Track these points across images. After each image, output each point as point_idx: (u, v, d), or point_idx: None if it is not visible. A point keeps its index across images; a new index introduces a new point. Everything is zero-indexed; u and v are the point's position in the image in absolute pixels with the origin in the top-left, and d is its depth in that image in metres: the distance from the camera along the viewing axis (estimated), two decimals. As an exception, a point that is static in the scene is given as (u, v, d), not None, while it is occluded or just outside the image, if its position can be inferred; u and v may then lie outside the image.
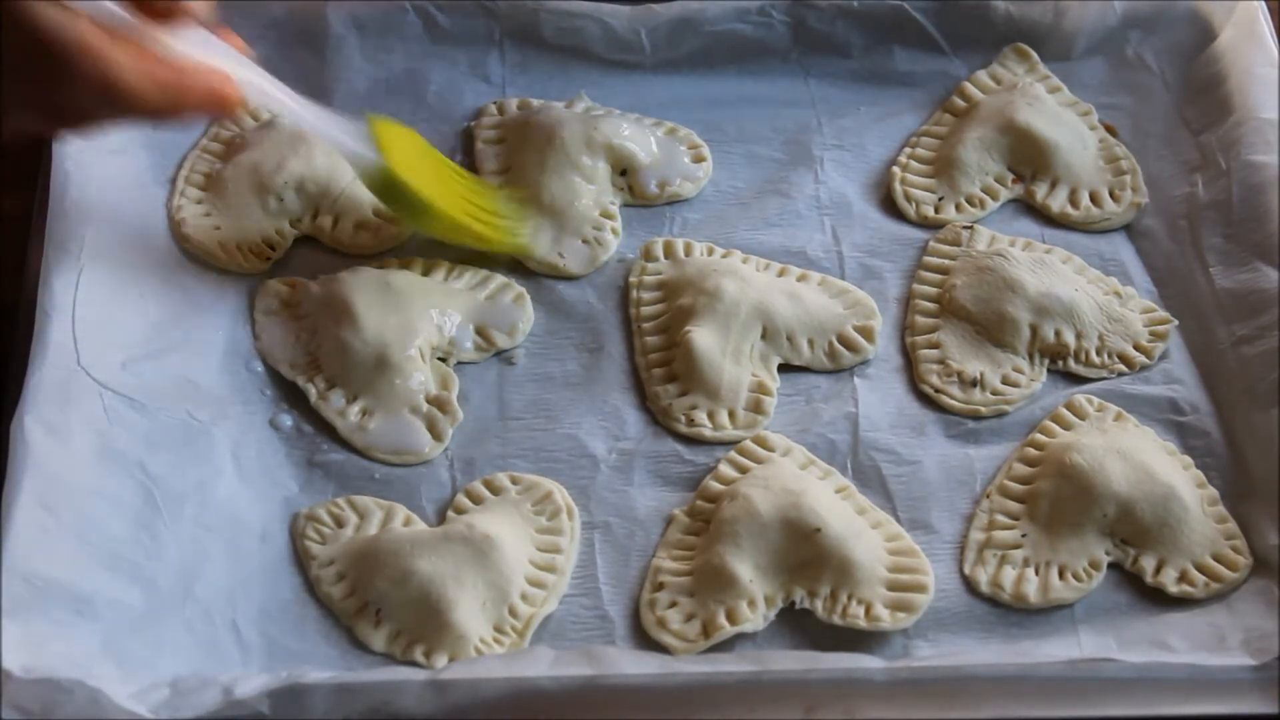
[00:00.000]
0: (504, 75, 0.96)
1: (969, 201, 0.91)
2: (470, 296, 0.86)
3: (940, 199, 0.91)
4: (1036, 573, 0.76)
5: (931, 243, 0.89)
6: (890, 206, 0.91)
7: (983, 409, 0.82)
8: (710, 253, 0.88)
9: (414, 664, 0.72)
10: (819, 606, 0.74)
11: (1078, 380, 0.84)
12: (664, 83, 0.96)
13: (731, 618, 0.73)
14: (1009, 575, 0.76)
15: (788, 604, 0.74)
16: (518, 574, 0.75)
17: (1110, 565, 0.76)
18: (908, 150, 0.94)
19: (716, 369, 0.82)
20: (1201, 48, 0.95)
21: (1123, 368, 0.84)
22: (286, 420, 0.81)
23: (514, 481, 0.79)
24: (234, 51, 0.75)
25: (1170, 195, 0.91)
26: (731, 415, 0.82)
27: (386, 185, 0.82)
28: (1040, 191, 0.91)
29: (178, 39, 0.70)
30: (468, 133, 0.94)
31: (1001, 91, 0.95)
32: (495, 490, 0.79)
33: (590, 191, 0.90)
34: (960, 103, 0.95)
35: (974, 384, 0.83)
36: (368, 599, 0.74)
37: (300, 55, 0.95)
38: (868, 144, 0.94)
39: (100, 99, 0.66)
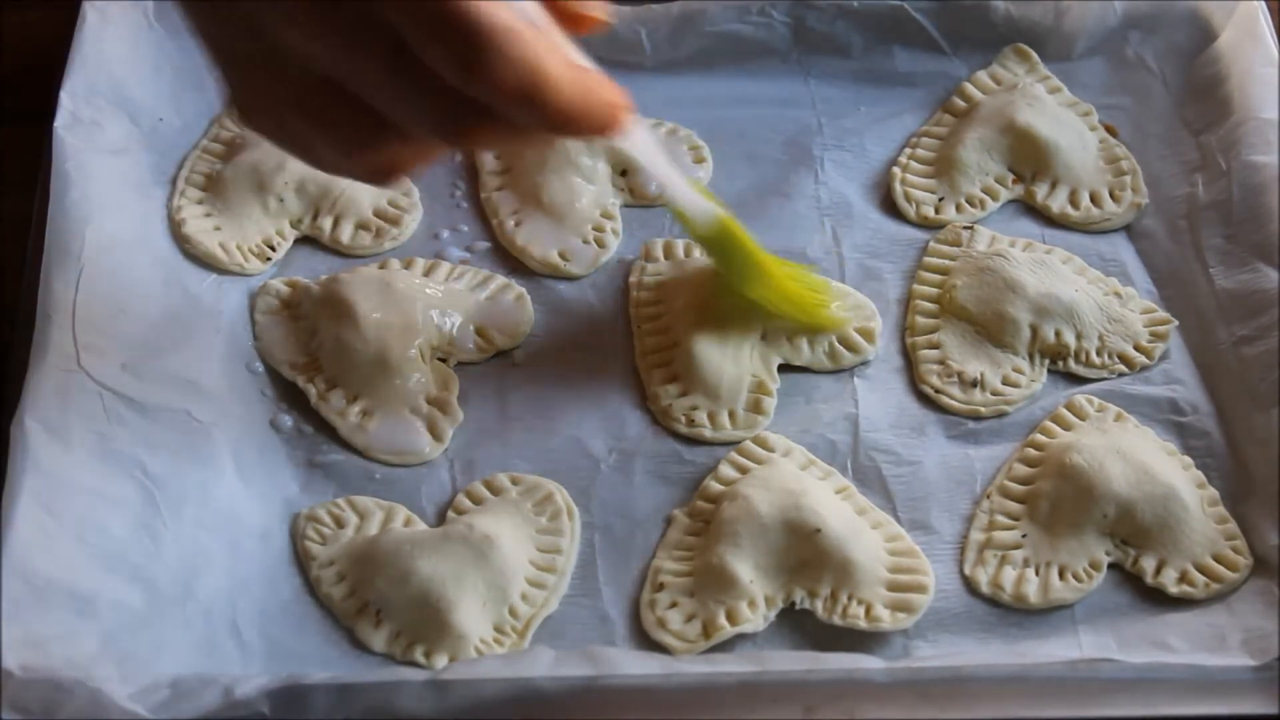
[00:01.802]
0: (504, 75, 0.96)
1: (969, 202, 0.91)
2: (470, 296, 0.86)
3: (940, 199, 0.91)
4: (1036, 573, 0.76)
5: (932, 243, 0.89)
6: (890, 207, 0.91)
7: (983, 409, 0.82)
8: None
9: (414, 664, 0.72)
10: (819, 607, 0.74)
11: (1078, 380, 0.84)
12: (664, 83, 0.96)
13: (731, 618, 0.73)
14: (1009, 576, 0.76)
15: (788, 604, 0.74)
16: (518, 574, 0.75)
17: (1110, 565, 0.76)
18: (908, 151, 0.94)
19: (716, 369, 0.82)
20: (1201, 48, 0.95)
21: (1123, 368, 0.84)
22: (286, 421, 0.81)
23: (514, 482, 0.79)
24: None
25: (1170, 195, 0.91)
26: (731, 416, 0.82)
27: (723, 239, 0.79)
28: (1040, 192, 0.91)
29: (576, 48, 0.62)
30: (468, 133, 0.94)
31: (1001, 92, 0.95)
32: (495, 491, 0.79)
33: (590, 191, 0.90)
34: (960, 103, 0.95)
35: (974, 384, 0.83)
36: (368, 599, 0.74)
37: (300, 55, 0.95)
38: (868, 144, 0.94)
39: (519, 92, 0.56)
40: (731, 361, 0.82)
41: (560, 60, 0.57)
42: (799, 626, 0.74)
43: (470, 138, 0.60)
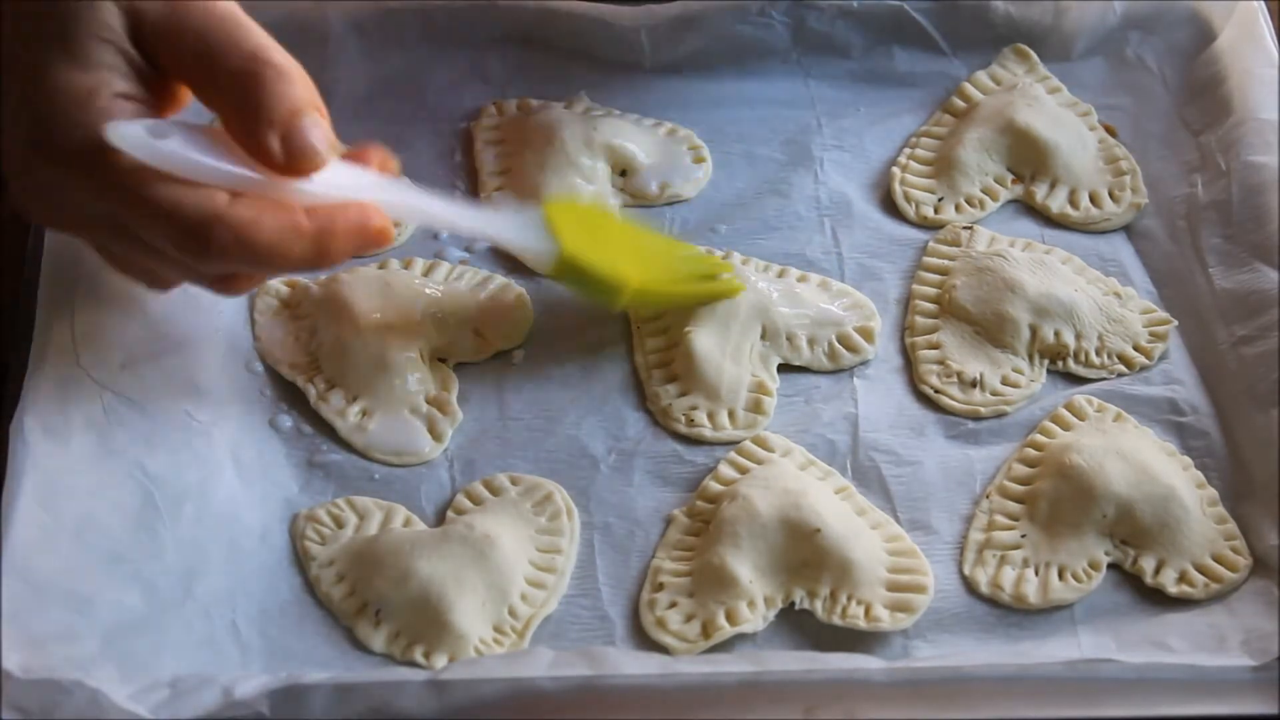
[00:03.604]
0: (504, 75, 0.96)
1: (969, 202, 0.91)
2: (470, 296, 0.86)
3: (940, 199, 0.91)
4: (1036, 573, 0.76)
5: (931, 243, 0.89)
6: (890, 207, 0.91)
7: (982, 409, 0.82)
8: (710, 254, 0.88)
9: (414, 664, 0.72)
10: (819, 607, 0.74)
11: (1077, 381, 0.84)
12: (664, 83, 0.96)
13: (731, 618, 0.73)
14: (1009, 576, 0.76)
15: (787, 604, 0.74)
16: (517, 574, 0.75)
17: (1110, 566, 0.76)
18: (907, 151, 0.94)
19: (716, 369, 0.82)
20: (1201, 48, 0.95)
21: (1122, 368, 0.84)
22: (286, 421, 0.81)
23: (514, 482, 0.79)
24: (372, 175, 0.70)
25: (1170, 196, 0.91)
26: (731, 416, 0.82)
27: (570, 272, 0.78)
28: (1040, 192, 0.91)
29: (313, 182, 0.66)
30: (467, 133, 0.94)
31: (1001, 92, 0.95)
32: (495, 491, 0.79)
33: (590, 192, 0.90)
34: (960, 103, 0.95)
35: (974, 384, 0.83)
36: (367, 599, 0.74)
37: (300, 56, 0.94)
38: (868, 144, 0.94)
39: (247, 262, 0.65)
40: (731, 361, 0.82)
41: (275, 224, 0.64)
42: (799, 626, 0.74)
43: (236, 290, 0.71)
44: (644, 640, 0.74)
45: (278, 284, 0.86)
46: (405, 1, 0.96)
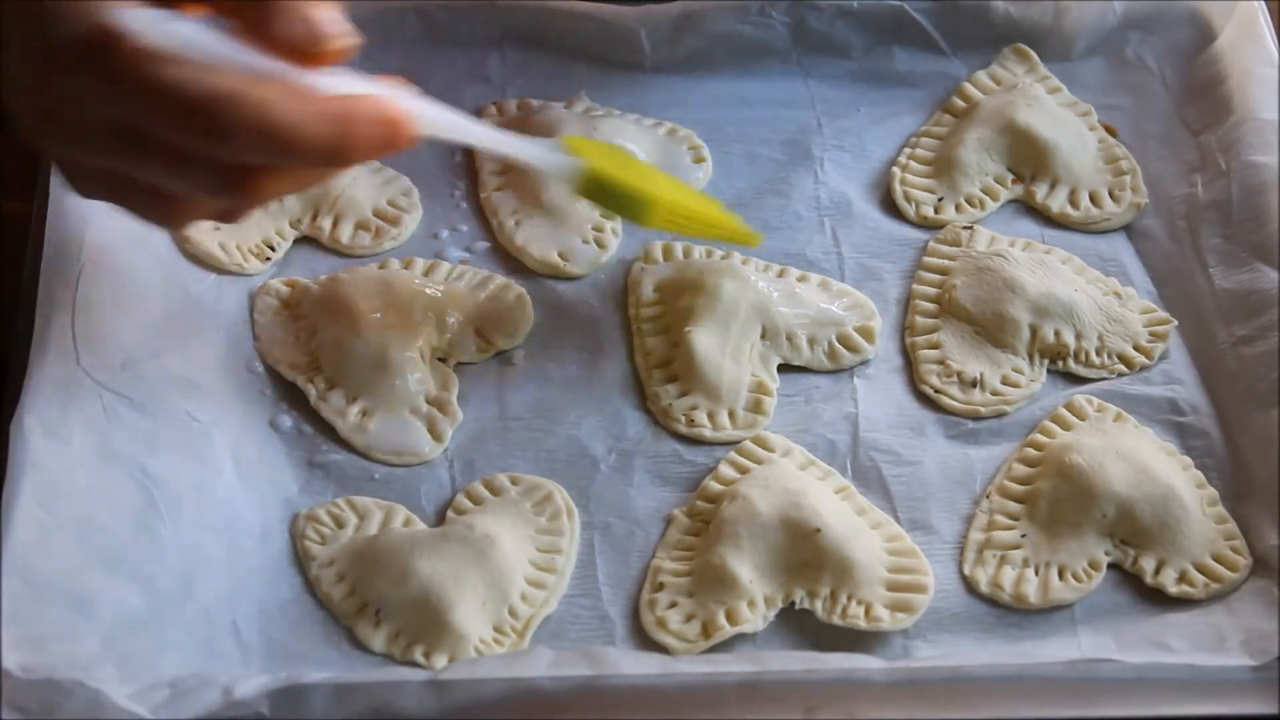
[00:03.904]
0: (504, 75, 0.96)
1: (969, 202, 0.91)
2: (470, 296, 0.86)
3: (940, 199, 0.91)
4: (1036, 573, 0.76)
5: (931, 243, 0.89)
6: (890, 207, 0.91)
7: (982, 409, 0.82)
8: (710, 254, 0.88)
9: (414, 664, 0.72)
10: (819, 607, 0.74)
11: (1077, 380, 0.84)
12: (664, 83, 0.96)
13: (731, 618, 0.73)
14: (1009, 576, 0.76)
15: (788, 604, 0.74)
16: (517, 574, 0.75)
17: (1110, 566, 0.76)
18: (907, 151, 0.94)
19: (716, 369, 0.82)
20: (1201, 48, 0.95)
21: (1122, 368, 0.84)
22: (286, 420, 0.81)
23: (514, 482, 0.79)
24: (395, 84, 0.66)
25: (1170, 195, 0.91)
26: (731, 416, 0.82)
27: (594, 185, 0.76)
28: (1040, 192, 0.91)
29: (332, 75, 0.62)
30: (468, 133, 0.94)
31: (1001, 92, 0.95)
32: (495, 491, 0.79)
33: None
34: (960, 103, 0.95)
35: (974, 384, 0.83)
36: (367, 599, 0.74)
37: (300, 55, 0.95)
38: (868, 144, 0.94)
39: (263, 147, 0.60)
40: (731, 361, 0.82)
41: (297, 105, 0.59)
42: (799, 626, 0.74)
43: (254, 191, 0.63)
44: (644, 640, 0.74)
45: (278, 284, 0.86)
46: (405, 1, 0.96)
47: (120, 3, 0.59)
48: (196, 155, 0.60)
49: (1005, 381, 0.83)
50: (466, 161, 0.93)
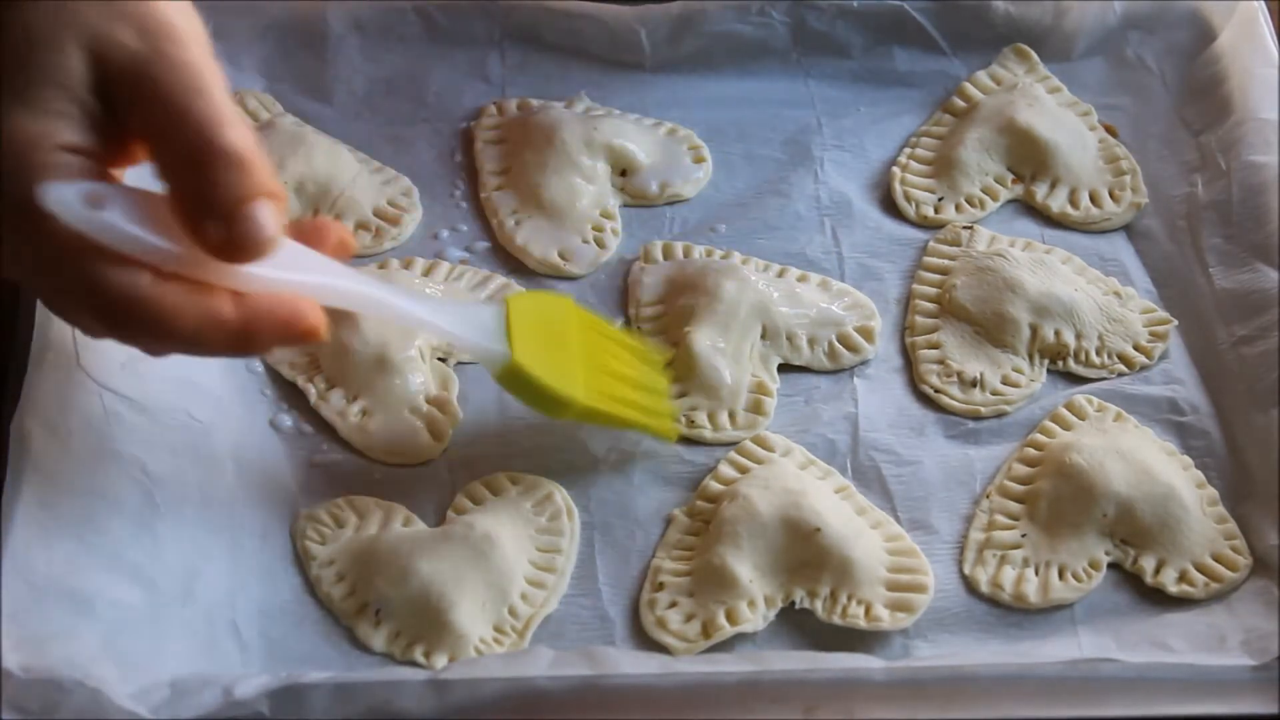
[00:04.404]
0: (504, 75, 0.96)
1: (969, 202, 0.91)
2: (470, 297, 0.85)
3: (940, 199, 0.91)
4: (1036, 573, 0.76)
5: (931, 243, 0.89)
6: (890, 207, 0.91)
7: (983, 409, 0.82)
8: (710, 254, 0.88)
9: (414, 664, 0.72)
10: (819, 606, 0.74)
11: (1078, 380, 0.84)
12: (664, 83, 0.97)
13: (731, 618, 0.73)
14: (1009, 575, 0.76)
15: (788, 604, 0.74)
16: (517, 574, 0.75)
17: (1110, 565, 0.76)
18: (908, 150, 0.94)
19: (716, 369, 0.82)
20: (1201, 48, 0.95)
21: (1122, 368, 0.84)
22: (286, 420, 0.81)
23: (514, 482, 0.79)
24: (321, 259, 0.66)
25: (1170, 195, 0.91)
26: (731, 416, 0.82)
27: (516, 381, 0.74)
28: (1040, 192, 0.91)
29: (253, 267, 0.61)
30: (467, 133, 0.94)
31: (1001, 92, 0.95)
32: (495, 490, 0.79)
33: (590, 192, 0.90)
34: (960, 103, 0.95)
35: (974, 384, 0.83)
36: (368, 599, 0.74)
37: (300, 55, 0.95)
38: (868, 144, 0.94)
39: (170, 348, 0.63)
40: (731, 361, 0.82)
41: (197, 313, 0.61)
42: (799, 626, 0.74)
43: (175, 355, 0.65)
44: (644, 640, 0.74)
45: (278, 284, 0.86)
46: (405, 1, 0.96)
47: (53, 176, 0.59)
48: (100, 332, 0.63)
49: (1005, 381, 0.83)
50: (467, 161, 0.93)
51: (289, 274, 0.64)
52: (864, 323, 0.85)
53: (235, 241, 0.60)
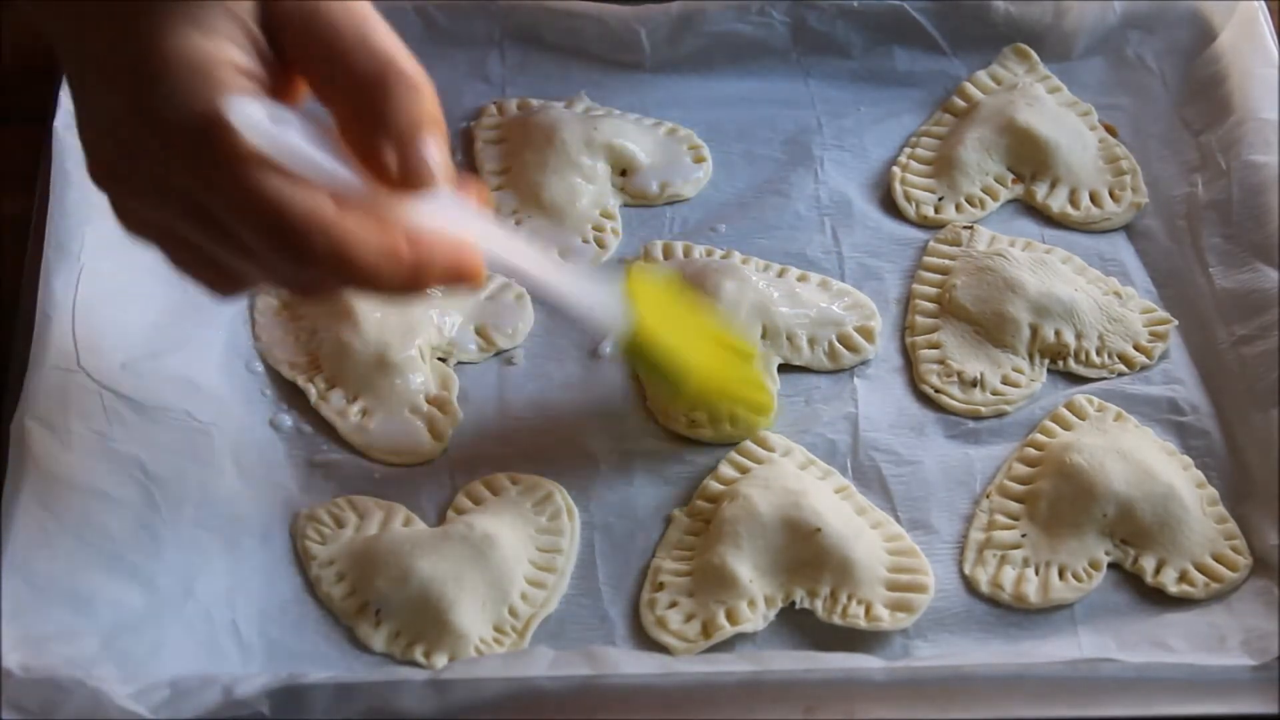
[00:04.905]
0: (504, 75, 0.96)
1: (969, 201, 0.91)
2: (470, 296, 0.86)
3: (940, 199, 0.91)
4: (1036, 573, 0.76)
5: (931, 243, 0.89)
6: (890, 207, 0.91)
7: (983, 409, 0.82)
8: (710, 253, 0.88)
9: (414, 664, 0.72)
10: (819, 606, 0.74)
11: (1078, 380, 0.84)
12: (664, 83, 0.97)
13: (731, 618, 0.73)
14: (1009, 575, 0.76)
15: (788, 604, 0.74)
16: (517, 574, 0.75)
17: (1110, 565, 0.76)
18: (908, 150, 0.94)
19: (716, 369, 0.82)
20: (1201, 48, 0.95)
21: (1123, 368, 0.84)
22: (286, 420, 0.81)
23: (514, 482, 0.79)
24: (475, 213, 0.65)
25: (1170, 195, 0.91)
26: (732, 416, 0.81)
27: (636, 350, 0.75)
28: (1040, 192, 0.91)
29: (418, 205, 0.61)
30: (467, 133, 0.94)
31: (1001, 92, 0.95)
32: (495, 490, 0.79)
33: (590, 191, 0.90)
34: (960, 103, 0.95)
35: (974, 384, 0.83)
36: (368, 599, 0.74)
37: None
38: (868, 144, 0.94)
39: (338, 277, 0.60)
40: (731, 361, 0.82)
41: (375, 242, 0.59)
42: (799, 626, 0.74)
43: (318, 296, 0.68)
44: (644, 640, 0.74)
45: (278, 284, 0.86)
46: (405, 1, 0.96)
47: (234, 92, 0.58)
48: (271, 258, 0.60)
49: (1005, 381, 0.83)
50: (467, 161, 0.93)
51: (450, 219, 0.63)
52: (864, 323, 0.85)
53: (411, 168, 0.60)
